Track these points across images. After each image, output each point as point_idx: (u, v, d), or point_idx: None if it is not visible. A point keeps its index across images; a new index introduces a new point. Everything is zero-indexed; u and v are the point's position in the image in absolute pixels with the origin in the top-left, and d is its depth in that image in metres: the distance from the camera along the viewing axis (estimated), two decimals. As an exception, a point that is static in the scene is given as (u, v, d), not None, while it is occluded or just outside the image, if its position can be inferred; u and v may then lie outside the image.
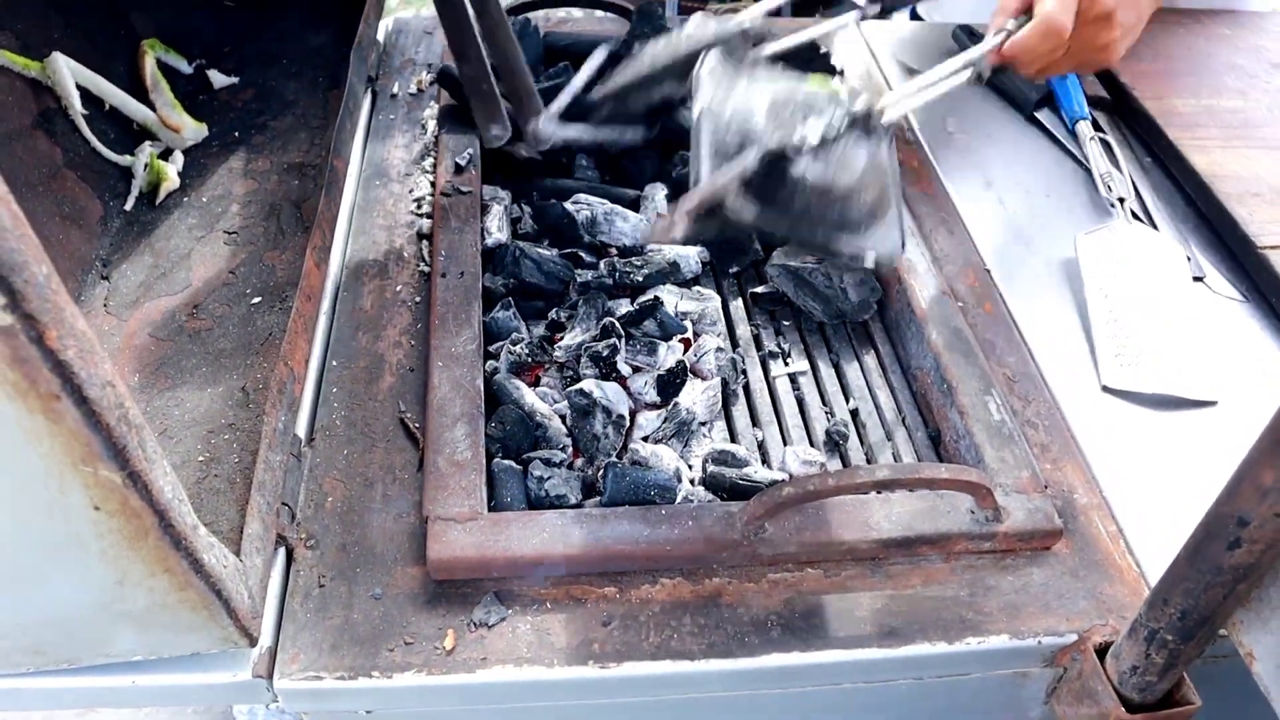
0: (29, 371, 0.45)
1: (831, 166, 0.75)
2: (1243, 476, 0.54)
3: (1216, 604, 0.59)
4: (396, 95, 1.23)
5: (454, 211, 1.01)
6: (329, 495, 0.79)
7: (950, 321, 0.92)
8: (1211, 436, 0.87)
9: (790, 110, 0.77)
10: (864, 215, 0.76)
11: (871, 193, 0.77)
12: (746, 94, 0.79)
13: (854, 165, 0.76)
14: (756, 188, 0.74)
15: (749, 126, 0.76)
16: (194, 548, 0.57)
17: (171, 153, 1.08)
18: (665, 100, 0.89)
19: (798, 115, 0.77)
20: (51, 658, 0.64)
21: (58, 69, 1.00)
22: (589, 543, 0.73)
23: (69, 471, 0.50)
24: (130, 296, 0.92)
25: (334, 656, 0.68)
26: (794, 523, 0.75)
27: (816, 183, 0.74)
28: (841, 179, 0.75)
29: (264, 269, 0.94)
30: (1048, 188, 1.15)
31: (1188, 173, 1.13)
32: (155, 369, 0.84)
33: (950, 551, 0.77)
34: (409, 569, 0.74)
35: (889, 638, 0.72)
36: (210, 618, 0.61)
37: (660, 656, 0.70)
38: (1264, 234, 1.03)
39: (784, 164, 0.74)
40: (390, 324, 0.93)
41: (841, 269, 0.98)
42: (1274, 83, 1.29)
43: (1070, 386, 0.91)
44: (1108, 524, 0.80)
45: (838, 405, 0.93)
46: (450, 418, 0.81)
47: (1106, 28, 0.97)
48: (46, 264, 0.45)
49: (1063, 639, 0.73)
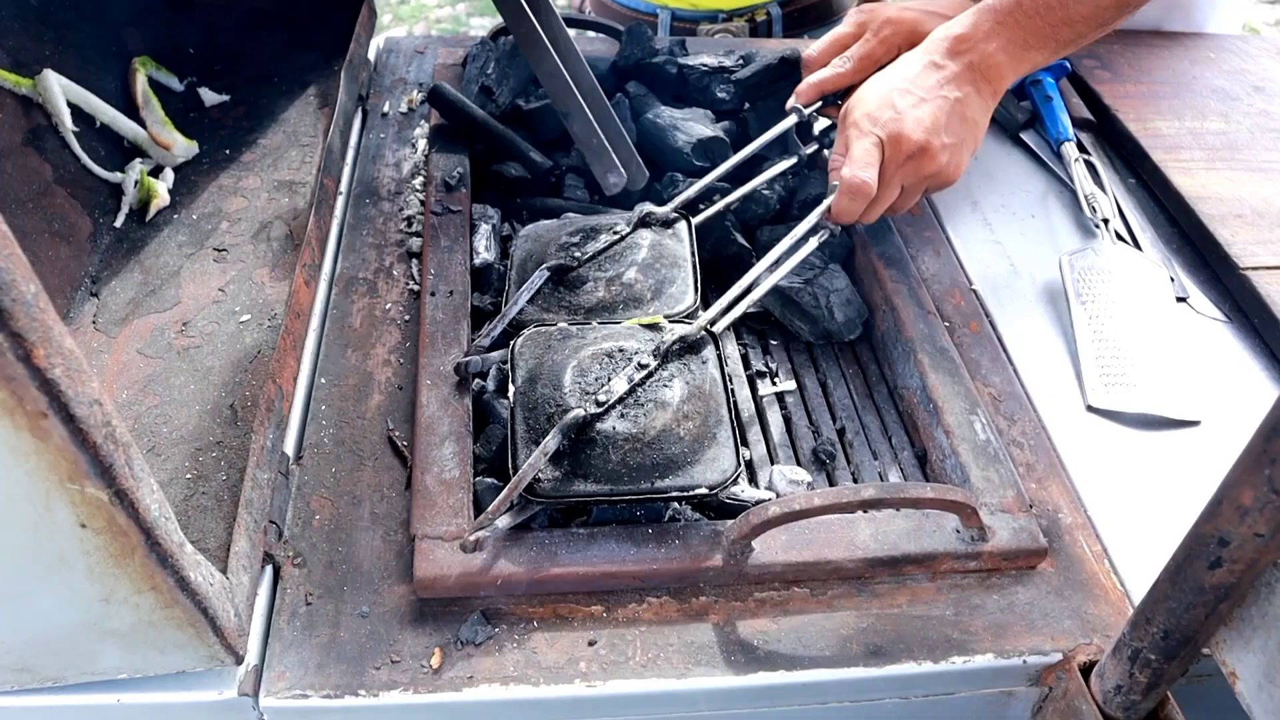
0: (16, 389, 0.45)
1: (643, 412, 0.78)
2: (1223, 497, 0.55)
3: (1198, 623, 0.59)
4: (387, 114, 1.24)
5: (444, 230, 1.01)
6: (317, 513, 0.79)
7: (936, 341, 0.93)
8: (1195, 456, 0.88)
9: (600, 367, 0.80)
10: (686, 449, 0.77)
11: (694, 421, 0.79)
12: (555, 366, 0.82)
13: (669, 401, 0.79)
14: (568, 460, 0.76)
15: (557, 399, 0.79)
16: (180, 565, 0.57)
17: (162, 170, 1.09)
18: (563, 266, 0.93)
19: (607, 370, 0.80)
20: (37, 676, 0.64)
21: (48, 86, 1.00)
22: (576, 562, 0.73)
23: (55, 489, 0.50)
24: (119, 313, 0.92)
25: (320, 675, 0.68)
26: (780, 542, 0.76)
27: (625, 434, 0.76)
28: (655, 421, 0.77)
29: (253, 286, 0.94)
30: (1033, 209, 1.16)
31: (1171, 194, 1.14)
32: (143, 386, 0.84)
33: (936, 571, 0.78)
34: (396, 587, 0.74)
35: (875, 657, 0.72)
36: (196, 635, 0.61)
37: (647, 675, 0.70)
38: (1246, 255, 1.04)
39: (590, 429, 0.76)
40: (379, 342, 0.93)
41: (828, 290, 0.98)
42: (1256, 105, 1.31)
43: (1055, 406, 0.92)
44: (1092, 543, 0.81)
45: (824, 424, 0.93)
46: (438, 436, 0.81)
47: (926, 159, 0.95)
48: (35, 282, 0.45)
49: (1048, 658, 0.73)
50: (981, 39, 0.96)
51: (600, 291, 0.92)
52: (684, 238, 0.98)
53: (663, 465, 0.77)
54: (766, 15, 1.65)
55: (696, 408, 0.80)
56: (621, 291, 0.92)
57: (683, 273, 0.94)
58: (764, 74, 1.18)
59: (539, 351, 0.84)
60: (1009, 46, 0.95)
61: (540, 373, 0.82)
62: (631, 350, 0.82)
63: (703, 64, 1.20)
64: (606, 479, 0.76)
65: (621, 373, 0.80)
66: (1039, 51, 0.97)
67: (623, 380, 0.79)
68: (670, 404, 0.79)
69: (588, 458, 0.76)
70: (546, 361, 0.83)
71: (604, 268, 0.93)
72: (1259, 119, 1.28)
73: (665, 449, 0.77)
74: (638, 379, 0.80)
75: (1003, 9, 0.96)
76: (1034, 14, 0.95)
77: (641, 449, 0.77)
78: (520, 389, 0.82)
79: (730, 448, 0.79)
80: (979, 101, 0.96)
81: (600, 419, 0.77)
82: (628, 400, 0.79)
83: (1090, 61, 1.35)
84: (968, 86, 0.95)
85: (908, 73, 0.97)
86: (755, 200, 1.07)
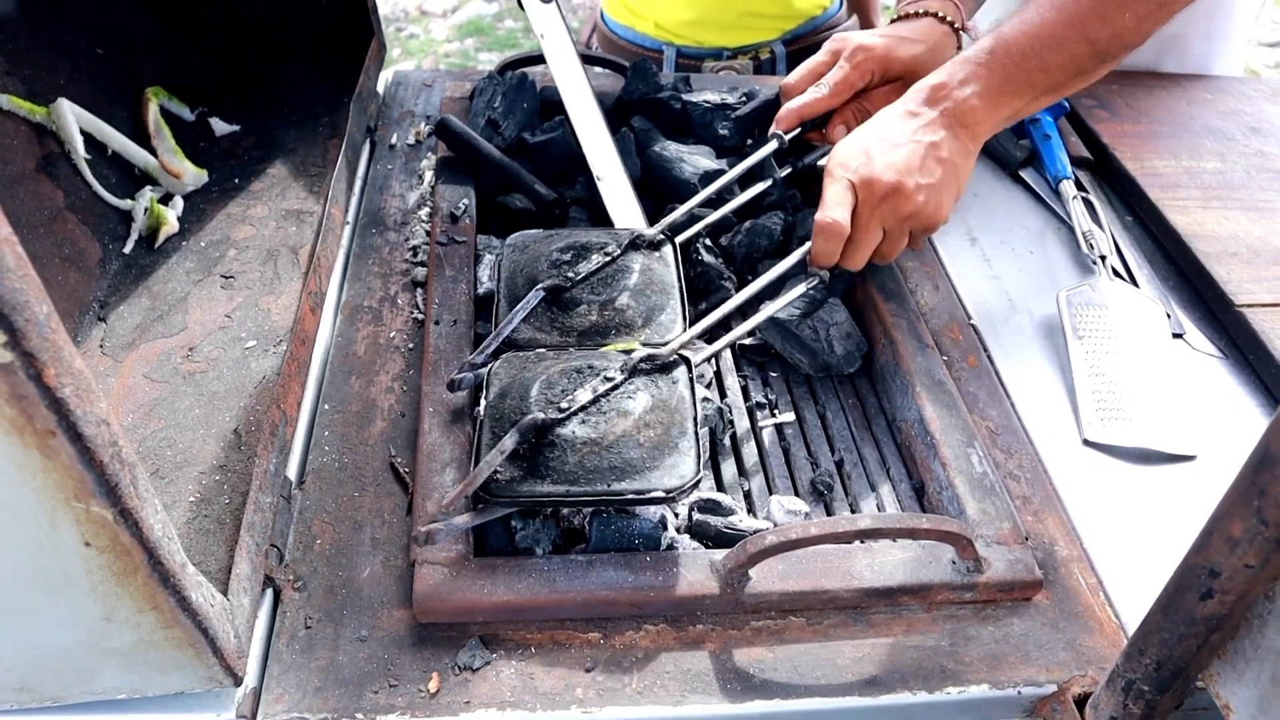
0: (26, 408, 0.46)
1: (604, 419, 0.79)
2: (1213, 528, 0.55)
3: (1191, 654, 0.60)
4: (395, 146, 1.25)
5: (448, 260, 1.02)
6: (318, 537, 0.79)
7: (934, 375, 0.94)
8: (1190, 491, 0.89)
9: (567, 381, 0.82)
10: (645, 454, 0.79)
11: (655, 430, 0.80)
12: (525, 381, 0.84)
13: (631, 410, 0.80)
14: (527, 461, 0.78)
15: (522, 409, 0.80)
16: (182, 585, 0.58)
17: (171, 197, 1.10)
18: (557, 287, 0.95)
19: (575, 383, 0.82)
20: (37, 695, 0.64)
21: (62, 114, 1.02)
22: (573, 588, 0.74)
23: (61, 507, 0.51)
24: (126, 338, 0.93)
25: (319, 698, 0.69)
26: (777, 571, 0.76)
27: (585, 438, 0.78)
28: (616, 427, 0.79)
29: (259, 313, 0.95)
30: (1031, 244, 1.17)
31: (1168, 232, 1.16)
32: (149, 410, 0.85)
33: (932, 601, 0.78)
34: (395, 612, 0.75)
35: (870, 686, 0.73)
36: (196, 656, 0.62)
37: (643, 702, 0.70)
38: (1241, 292, 1.05)
39: (551, 432, 0.78)
40: (383, 369, 0.94)
41: (828, 324, 0.99)
42: (1252, 145, 1.33)
43: (1052, 440, 0.92)
44: (1088, 576, 0.81)
45: (823, 456, 0.94)
46: (440, 463, 0.82)
47: (902, 199, 0.94)
48: (47, 303, 0.46)
49: (1042, 689, 0.73)
50: (956, 86, 0.97)
51: (593, 315, 0.94)
52: (670, 262, 1.01)
53: (620, 469, 0.78)
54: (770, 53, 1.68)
55: (659, 418, 0.81)
56: (614, 316, 0.94)
57: (672, 300, 0.96)
58: (762, 109, 1.20)
59: (513, 371, 0.86)
60: (985, 92, 0.97)
61: (511, 388, 0.83)
62: (600, 367, 0.84)
63: (705, 100, 1.22)
64: (564, 480, 0.77)
65: (587, 384, 0.82)
66: (1016, 98, 0.98)
67: (587, 391, 0.81)
68: (632, 413, 0.80)
69: (546, 460, 0.77)
70: (518, 379, 0.84)
71: (597, 290, 0.95)
72: (1255, 159, 1.30)
73: (624, 453, 0.78)
74: (602, 390, 0.81)
75: (977, 57, 0.98)
76: (1008, 62, 0.97)
77: (600, 452, 0.78)
78: (490, 403, 0.83)
79: (692, 456, 0.79)
80: (956, 144, 0.97)
81: (561, 424, 0.78)
82: (590, 409, 0.80)
83: (1089, 101, 1.37)
84: (943, 131, 0.97)
85: (885, 123, 0.99)
86: (759, 233, 1.08)
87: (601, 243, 1.00)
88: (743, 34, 1.66)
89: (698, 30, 1.66)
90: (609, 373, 0.82)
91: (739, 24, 1.66)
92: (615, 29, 1.77)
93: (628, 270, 0.97)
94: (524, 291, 0.94)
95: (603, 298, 0.95)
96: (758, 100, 1.21)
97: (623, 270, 0.97)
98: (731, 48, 1.67)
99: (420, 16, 4.41)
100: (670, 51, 1.69)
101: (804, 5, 1.68)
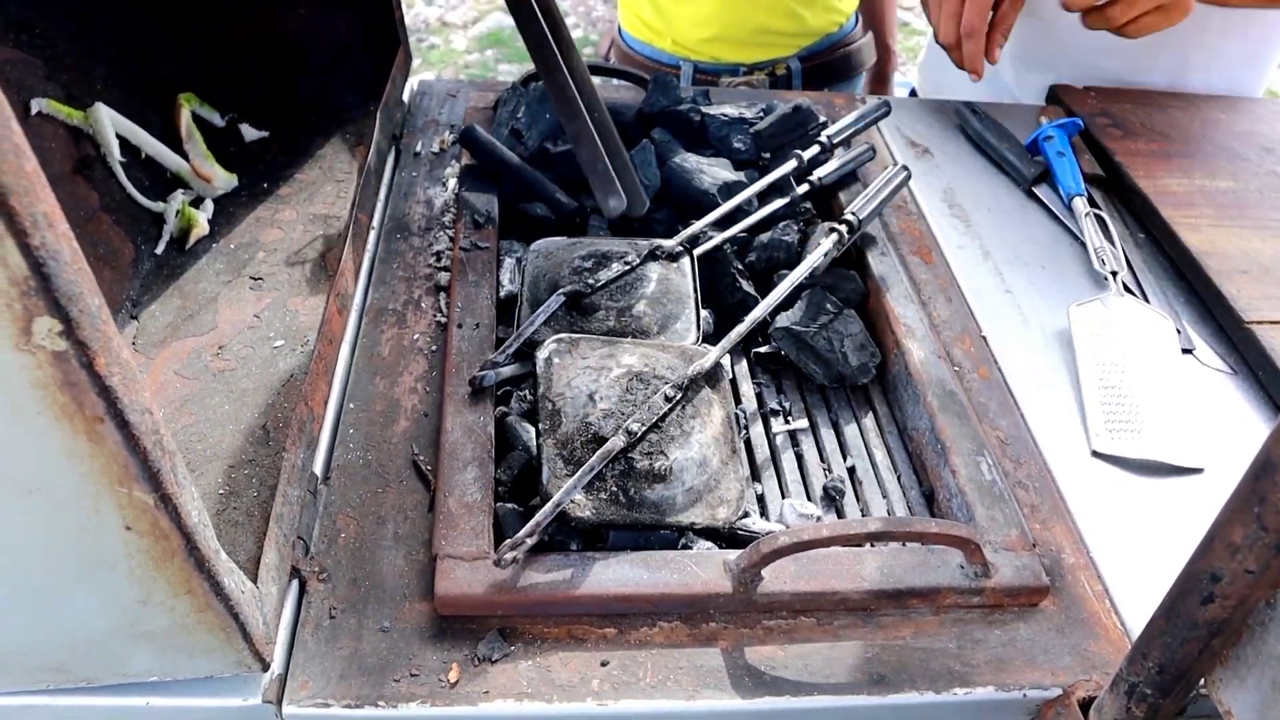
0: (77, 394, 0.49)
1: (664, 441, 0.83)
2: (1215, 534, 0.57)
3: (1192, 658, 0.61)
4: (420, 154, 1.28)
5: (471, 265, 1.05)
6: (342, 531, 0.82)
7: (946, 385, 0.96)
8: (1197, 503, 0.90)
9: (628, 392, 0.85)
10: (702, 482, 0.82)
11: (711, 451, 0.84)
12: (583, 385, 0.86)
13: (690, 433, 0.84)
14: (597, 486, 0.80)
15: (589, 423, 0.83)
16: (216, 571, 0.60)
17: (202, 201, 1.13)
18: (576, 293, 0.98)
19: (635, 394, 0.85)
20: (72, 675, 0.66)
21: (99, 119, 1.05)
22: (591, 585, 0.76)
23: (105, 491, 0.53)
24: (158, 336, 0.95)
25: (342, 685, 0.71)
26: (789, 572, 0.78)
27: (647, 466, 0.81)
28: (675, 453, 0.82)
29: (287, 314, 0.98)
30: (1044, 260, 1.19)
31: (1179, 249, 1.17)
32: (180, 405, 0.88)
33: (940, 604, 0.80)
34: (417, 604, 0.77)
35: (878, 686, 0.74)
36: (226, 640, 0.64)
37: (657, 696, 0.72)
38: (1251, 309, 1.06)
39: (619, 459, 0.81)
40: (406, 370, 0.96)
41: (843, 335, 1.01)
42: (1265, 165, 1.34)
43: (1061, 451, 0.94)
44: (1094, 583, 0.83)
45: (835, 462, 0.96)
46: (461, 461, 0.84)
47: None
48: (99, 296, 0.49)
49: (1047, 692, 0.75)
50: None
51: (611, 321, 0.97)
52: (687, 272, 1.03)
53: (682, 496, 0.80)
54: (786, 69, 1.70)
55: (714, 436, 0.84)
56: (630, 323, 0.96)
57: (687, 310, 0.99)
58: (779, 124, 1.22)
59: (566, 361, 0.88)
60: None
61: (567, 389, 0.85)
62: (656, 374, 0.87)
63: (724, 114, 1.24)
64: (629, 506, 0.79)
65: (648, 402, 0.84)
66: None
67: (650, 410, 0.83)
68: (690, 435, 0.83)
69: (613, 484, 0.79)
70: (574, 377, 0.86)
71: (615, 297, 0.98)
72: (1268, 179, 1.31)
73: (684, 480, 0.80)
74: (663, 410, 0.83)
75: None
76: None
77: (663, 479, 0.80)
78: (549, 398, 0.85)
79: (741, 482, 0.82)
80: None
81: (630, 449, 0.80)
82: (651, 431, 0.82)
83: (1103, 120, 1.39)
84: None
85: None
86: (775, 246, 1.10)
87: (622, 252, 1.02)
88: (759, 50, 1.69)
89: (714, 47, 1.69)
90: (667, 390, 0.85)
91: (755, 41, 1.69)
92: (633, 45, 1.80)
93: (646, 279, 1.00)
94: (546, 295, 0.97)
95: (621, 304, 0.97)
96: (774, 115, 1.23)
97: (641, 279, 1.00)
98: (748, 64, 1.69)
99: (441, 28, 4.46)
100: (687, 67, 1.72)
101: (819, 23, 1.71)
